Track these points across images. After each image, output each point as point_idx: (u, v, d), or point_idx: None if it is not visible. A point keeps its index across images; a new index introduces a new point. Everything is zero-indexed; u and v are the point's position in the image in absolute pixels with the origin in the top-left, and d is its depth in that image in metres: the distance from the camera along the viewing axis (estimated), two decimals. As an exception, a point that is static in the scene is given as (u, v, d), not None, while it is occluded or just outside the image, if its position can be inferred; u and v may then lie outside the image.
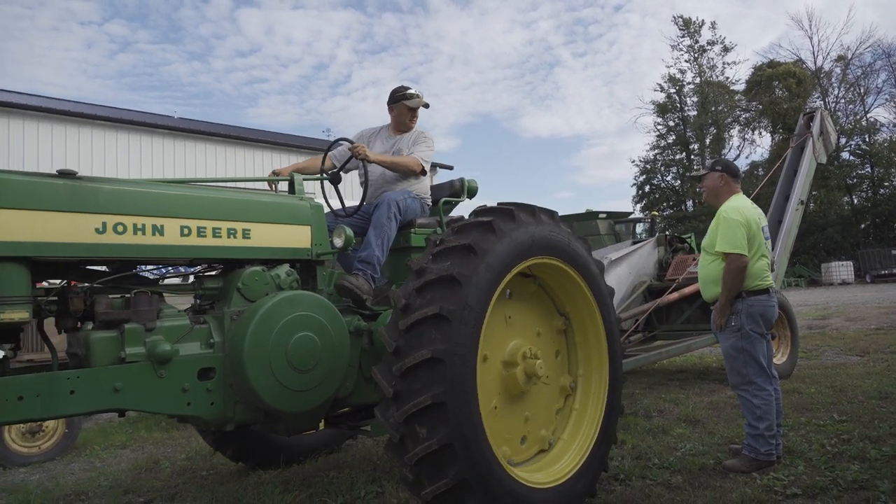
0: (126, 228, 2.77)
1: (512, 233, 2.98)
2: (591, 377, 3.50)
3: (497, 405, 3.11)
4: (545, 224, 3.19)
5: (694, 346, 6.99)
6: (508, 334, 3.20)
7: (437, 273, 2.72)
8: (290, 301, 3.09)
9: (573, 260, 3.30)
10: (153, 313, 2.84)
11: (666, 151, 45.95)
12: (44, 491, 4.34)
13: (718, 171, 4.15)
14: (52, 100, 16.47)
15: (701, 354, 9.53)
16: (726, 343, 3.95)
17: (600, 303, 3.44)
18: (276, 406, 2.99)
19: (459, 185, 4.34)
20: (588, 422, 3.43)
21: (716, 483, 3.60)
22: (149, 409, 2.80)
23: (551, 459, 3.29)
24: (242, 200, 3.21)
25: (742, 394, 3.93)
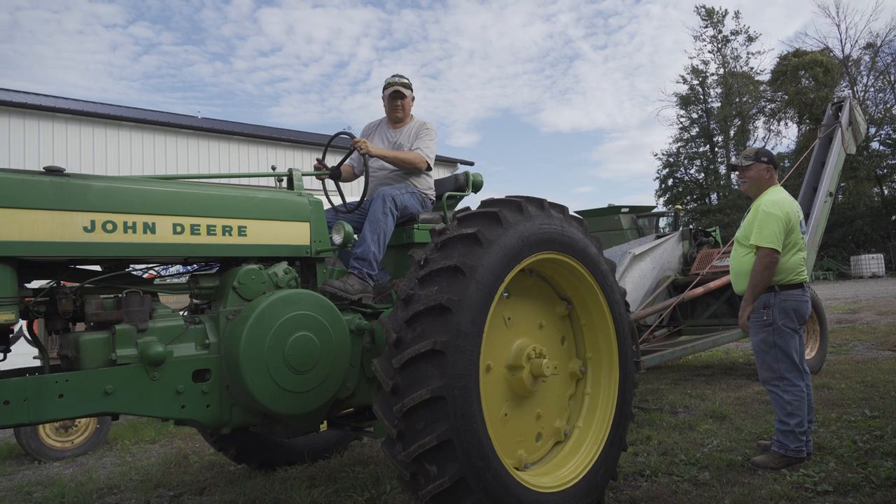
0: (116, 227, 2.69)
1: (500, 239, 2.82)
2: (600, 359, 3.43)
3: (507, 412, 3.05)
4: (535, 218, 3.03)
5: (720, 342, 6.90)
6: (510, 335, 3.11)
7: (426, 303, 2.58)
8: (288, 300, 2.99)
9: (568, 248, 3.16)
10: (145, 313, 2.76)
11: (689, 144, 45.30)
12: (77, 485, 4.45)
13: (765, 162, 4.03)
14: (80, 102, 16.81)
15: (727, 349, 9.41)
16: (757, 337, 3.88)
17: (601, 283, 3.32)
18: (273, 409, 2.90)
19: (464, 178, 4.22)
20: (602, 404, 3.36)
21: (744, 479, 3.56)
22: (141, 413, 2.72)
23: (570, 451, 3.26)
24: (238, 197, 3.11)
25: (773, 389, 3.85)
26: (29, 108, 12.90)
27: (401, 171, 4.02)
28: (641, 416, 5.22)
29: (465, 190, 4.22)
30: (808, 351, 7.11)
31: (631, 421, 3.48)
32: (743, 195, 39.05)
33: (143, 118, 14.91)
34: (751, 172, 4.04)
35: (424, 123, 4.15)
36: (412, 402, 2.47)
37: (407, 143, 4.07)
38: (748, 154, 4.07)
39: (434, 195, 4.16)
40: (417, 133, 4.09)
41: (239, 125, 19.20)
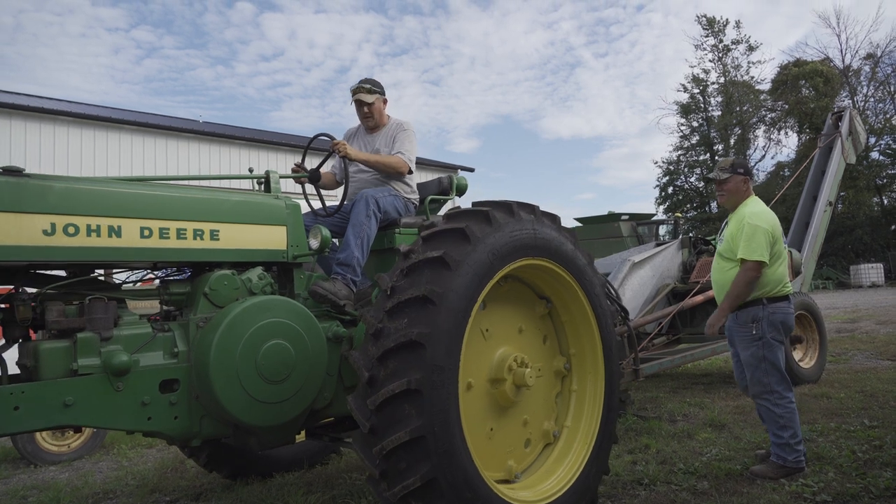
0: (78, 230, 2.55)
1: (469, 257, 2.68)
2: (584, 354, 3.39)
3: (492, 426, 3.01)
4: (504, 226, 2.89)
5: (719, 350, 6.88)
6: (489, 347, 3.03)
7: (396, 338, 2.47)
8: (261, 307, 2.87)
9: (542, 251, 3.05)
10: (109, 321, 2.62)
11: (689, 152, 45.38)
12: (73, 489, 4.43)
13: (741, 174, 3.98)
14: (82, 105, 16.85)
15: (726, 358, 9.37)
16: (746, 352, 3.82)
17: (579, 278, 3.25)
18: (245, 420, 2.79)
19: (448, 182, 4.08)
20: (590, 400, 3.34)
21: (743, 489, 3.54)
22: (104, 426, 2.62)
23: (560, 454, 3.23)
24: (210, 199, 3.00)
25: (764, 403, 3.81)
26: (31, 110, 12.92)
27: (381, 175, 3.90)
28: (640, 425, 5.20)
29: (448, 193, 4.09)
30: (807, 360, 7.10)
31: (621, 415, 3.47)
32: (743, 204, 38.89)
33: (145, 122, 14.94)
34: (728, 185, 3.97)
35: (401, 124, 3.99)
36: (391, 444, 2.39)
37: (385, 147, 3.94)
38: (724, 166, 4.00)
39: (417, 198, 4.05)
40: (395, 136, 3.94)
41: (240, 129, 19.24)
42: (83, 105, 17.26)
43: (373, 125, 4.04)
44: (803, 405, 5.60)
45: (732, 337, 3.97)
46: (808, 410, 5.39)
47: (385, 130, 4.01)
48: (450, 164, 21.56)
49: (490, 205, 2.94)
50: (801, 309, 7.09)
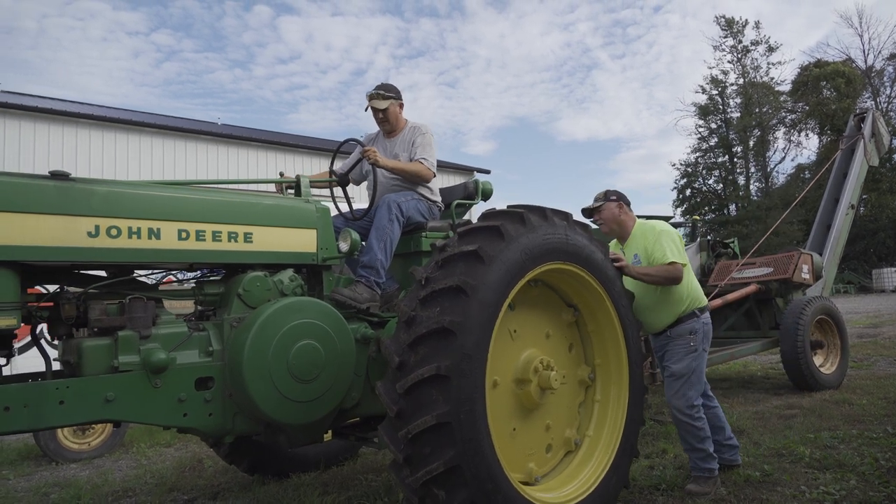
0: (120, 232, 2.66)
1: (502, 254, 2.75)
2: (609, 365, 3.38)
3: (515, 426, 3.02)
4: (538, 229, 2.96)
5: (738, 355, 6.81)
6: (516, 348, 3.06)
7: (428, 325, 2.52)
8: (293, 308, 2.94)
9: (573, 256, 3.09)
10: (148, 320, 2.72)
11: (708, 154, 44.92)
12: (93, 486, 4.49)
13: (614, 200, 3.84)
14: (103, 108, 17.11)
15: (745, 363, 9.28)
16: (679, 364, 3.65)
17: (608, 288, 3.26)
18: (276, 418, 2.86)
19: (473, 186, 4.13)
20: (613, 411, 3.32)
21: (762, 496, 3.49)
22: (142, 421, 2.69)
23: (581, 461, 3.22)
24: (244, 203, 3.09)
25: (684, 419, 3.64)
26: (54, 113, 13.15)
27: (406, 181, 3.93)
28: (657, 429, 5.16)
29: (474, 198, 4.14)
30: (828, 366, 7.00)
31: (642, 426, 3.44)
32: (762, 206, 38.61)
33: (165, 124, 15.12)
34: (603, 213, 3.85)
35: (419, 128, 4.00)
36: (417, 427, 2.42)
37: (404, 151, 3.96)
38: (598, 197, 3.91)
39: (440, 202, 4.09)
40: (413, 140, 3.96)
41: (259, 132, 19.41)
42: (105, 108, 17.53)
43: (389, 129, 4.07)
44: (824, 411, 5.52)
45: (663, 354, 3.81)
46: (830, 417, 5.31)
47: (402, 135, 4.03)
48: (466, 166, 21.54)
49: (525, 208, 3.00)
50: (822, 313, 6.99)
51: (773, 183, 42.65)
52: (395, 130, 4.07)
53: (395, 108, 4.02)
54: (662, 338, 3.80)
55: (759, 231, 31.96)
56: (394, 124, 4.05)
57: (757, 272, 7.44)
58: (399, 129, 4.07)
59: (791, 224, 31.84)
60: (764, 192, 41.74)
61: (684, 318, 3.70)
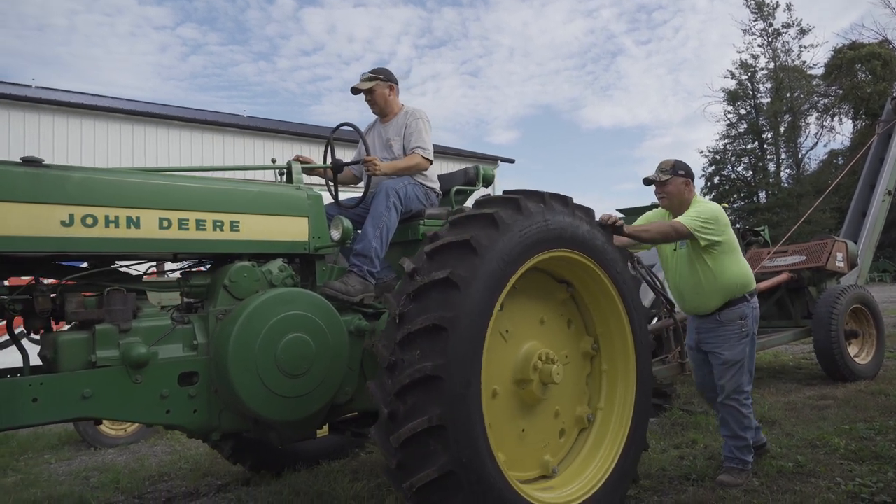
0: (97, 220, 2.52)
1: (497, 244, 2.58)
2: (611, 333, 3.25)
3: (524, 427, 2.94)
4: (536, 215, 2.77)
5: (769, 344, 6.71)
6: (511, 349, 2.91)
7: (419, 322, 2.38)
8: (281, 299, 2.82)
9: (574, 243, 2.93)
10: (128, 313, 2.60)
11: (737, 141, 44.03)
12: (131, 471, 4.62)
13: (682, 175, 3.69)
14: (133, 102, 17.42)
15: (776, 353, 9.13)
16: (733, 350, 3.59)
17: (611, 273, 3.11)
18: (263, 414, 2.74)
19: (474, 172, 3.96)
20: (622, 379, 3.23)
21: (796, 487, 3.45)
22: (122, 418, 2.61)
23: (596, 439, 3.17)
24: (230, 190, 2.96)
25: (732, 404, 3.62)
26: (85, 108, 13.42)
27: None
28: (686, 419, 5.11)
29: (474, 184, 3.96)
30: (863, 356, 6.85)
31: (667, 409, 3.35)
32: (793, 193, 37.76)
33: (193, 117, 15.34)
34: (669, 187, 3.68)
35: (412, 113, 3.85)
36: (409, 431, 2.30)
37: (397, 135, 3.84)
38: (664, 167, 3.71)
39: (438, 188, 3.93)
40: (408, 126, 3.80)
41: (284, 123, 19.58)
42: (134, 102, 17.83)
43: (378, 112, 3.97)
44: (859, 402, 5.41)
45: (708, 338, 3.70)
46: (865, 408, 5.20)
47: (396, 120, 3.91)
48: (490, 155, 21.45)
49: (521, 193, 2.83)
50: (858, 302, 6.84)
51: (804, 169, 41.65)
52: (387, 114, 3.95)
53: (383, 89, 3.89)
54: (710, 321, 3.69)
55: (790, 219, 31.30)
56: (383, 107, 3.92)
57: (789, 260, 7.30)
58: (393, 113, 3.95)
59: (823, 212, 31.10)
60: (795, 179, 40.81)
61: (735, 301, 3.63)
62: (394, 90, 3.94)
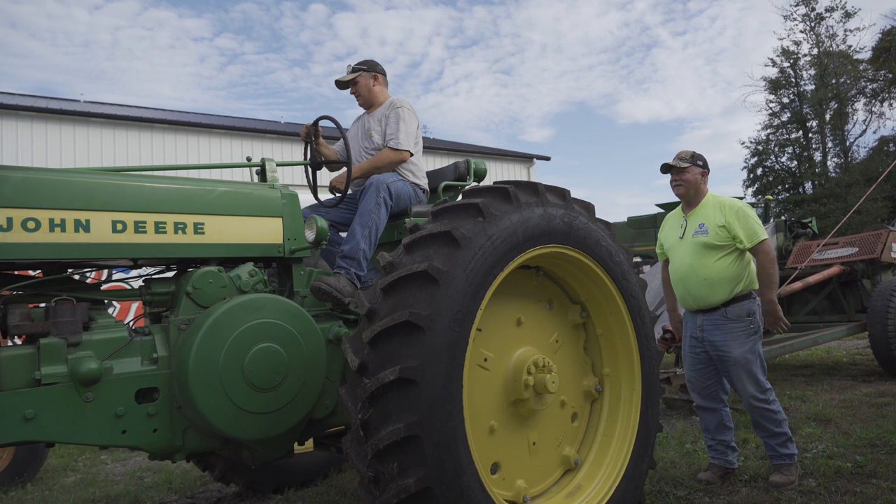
0: (39, 224, 2.32)
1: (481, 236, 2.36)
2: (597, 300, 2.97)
3: (534, 441, 2.76)
4: (528, 207, 2.56)
5: (821, 340, 6.49)
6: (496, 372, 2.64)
7: (391, 319, 2.16)
8: (248, 306, 2.60)
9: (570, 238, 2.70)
10: (77, 324, 2.38)
11: (780, 130, 42.66)
12: (183, 471, 4.75)
13: (700, 166, 3.67)
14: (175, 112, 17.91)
15: (828, 348, 8.83)
16: (742, 349, 3.47)
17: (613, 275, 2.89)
18: (230, 433, 2.52)
19: (464, 167, 3.73)
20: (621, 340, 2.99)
21: (856, 488, 3.32)
22: (71, 441, 2.37)
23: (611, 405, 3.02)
24: (192, 190, 2.74)
25: (759, 405, 3.48)
26: (130, 119, 13.89)
27: None
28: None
29: (465, 179, 3.72)
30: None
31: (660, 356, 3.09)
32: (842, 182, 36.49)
33: (232, 125, 15.69)
34: (686, 175, 3.63)
35: (393, 103, 3.65)
36: (382, 441, 2.09)
37: (377, 126, 3.66)
38: (684, 156, 3.68)
39: (425, 185, 3.69)
40: (387, 117, 3.62)
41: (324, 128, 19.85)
42: (175, 112, 18.33)
43: (364, 104, 3.84)
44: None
45: (714, 335, 3.55)
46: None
47: (379, 111, 3.74)
48: (524, 153, 21.34)
49: (513, 183, 2.64)
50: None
51: (852, 158, 40.14)
52: (373, 105, 3.81)
53: (367, 80, 3.77)
54: (716, 317, 3.56)
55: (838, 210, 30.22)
56: (368, 98, 3.79)
57: (840, 252, 7.06)
58: (378, 104, 3.79)
59: (875, 201, 29.95)
60: (843, 168, 39.39)
61: (741, 297, 3.53)
62: (378, 80, 3.81)
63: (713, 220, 3.55)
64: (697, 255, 3.58)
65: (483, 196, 2.50)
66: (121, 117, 13.75)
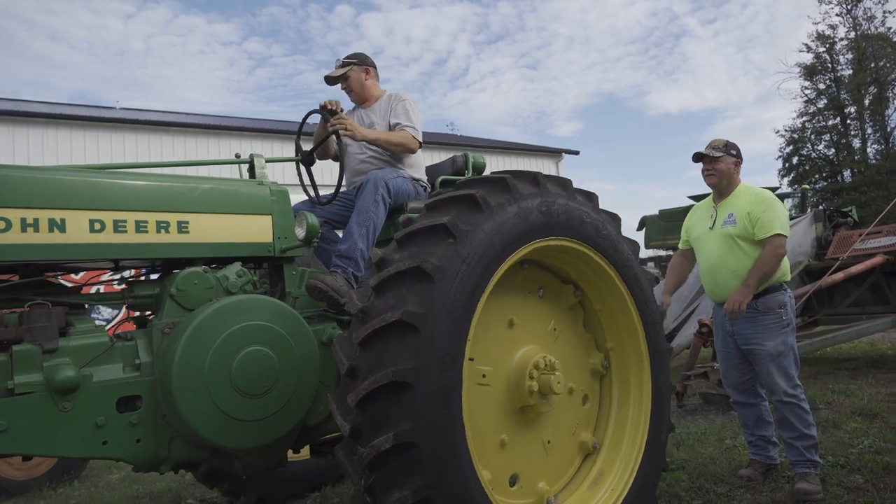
0: (10, 224, 2.21)
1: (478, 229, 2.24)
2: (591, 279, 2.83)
3: (548, 438, 2.66)
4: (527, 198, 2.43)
5: (865, 332, 6.31)
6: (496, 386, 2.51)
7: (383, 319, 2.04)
8: (235, 308, 2.47)
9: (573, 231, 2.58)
10: (53, 330, 2.26)
11: (816, 118, 41.52)
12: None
13: (734, 156, 3.55)
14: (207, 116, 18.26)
15: (872, 340, 8.57)
16: (773, 341, 3.35)
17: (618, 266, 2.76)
18: (218, 442, 2.40)
19: (462, 161, 3.57)
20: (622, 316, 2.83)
21: (906, 485, 3.21)
22: (48, 453, 2.28)
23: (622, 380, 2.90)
24: (174, 187, 2.62)
25: (790, 401, 3.34)
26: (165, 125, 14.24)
27: (385, 155, 3.41)
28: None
29: (463, 173, 3.57)
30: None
31: None
32: (882, 169, 35.39)
33: (262, 128, 15.94)
34: (720, 165, 3.52)
35: (397, 95, 3.51)
36: (375, 450, 1.97)
37: (381, 119, 3.47)
38: (717, 145, 3.56)
39: (426, 181, 3.54)
40: (392, 107, 3.45)
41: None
42: (208, 116, 18.68)
43: (356, 99, 3.65)
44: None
45: (745, 329, 3.42)
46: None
47: (379, 104, 3.56)
48: (552, 148, 21.17)
49: (511, 173, 2.52)
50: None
51: (894, 143, 38.87)
52: (367, 100, 3.60)
53: (358, 74, 3.57)
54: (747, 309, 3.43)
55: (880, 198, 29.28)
56: (361, 92, 3.59)
57: (884, 241, 6.84)
58: (374, 98, 3.60)
59: (918, 188, 28.96)
60: (884, 155, 38.13)
61: (772, 289, 3.42)
62: (371, 74, 3.63)
63: (742, 210, 3.45)
64: (726, 247, 3.48)
65: (479, 187, 2.37)
66: (154, 122, 14.11)
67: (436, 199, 2.36)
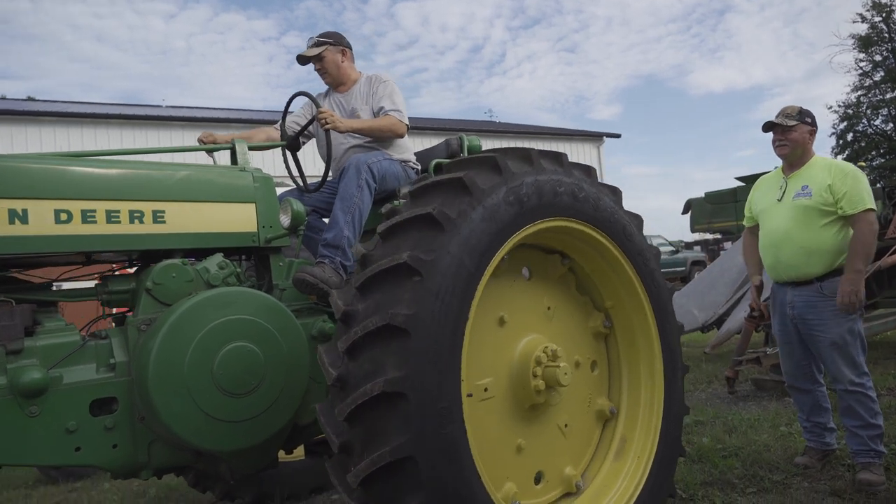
0: None
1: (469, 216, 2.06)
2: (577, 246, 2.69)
3: (565, 421, 2.56)
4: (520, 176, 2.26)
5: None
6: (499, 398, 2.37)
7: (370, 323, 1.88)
8: (216, 301, 2.32)
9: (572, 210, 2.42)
10: (18, 329, 2.11)
11: (872, 92, 39.69)
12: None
13: (809, 124, 3.31)
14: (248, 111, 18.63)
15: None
16: (839, 329, 3.17)
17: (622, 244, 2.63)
18: (200, 444, 2.25)
19: (457, 144, 3.39)
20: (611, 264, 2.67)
21: (977, 474, 3.06)
22: (16, 462, 2.12)
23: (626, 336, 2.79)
24: (148, 174, 2.46)
25: (857, 390, 3.16)
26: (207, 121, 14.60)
27: (371, 140, 3.26)
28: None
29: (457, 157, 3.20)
30: None
31: None
32: (945, 144, 33.57)
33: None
34: (794, 134, 3.28)
35: (377, 77, 3.34)
36: (368, 468, 1.82)
37: (363, 104, 3.31)
38: (791, 113, 3.31)
39: (415, 162, 3.39)
40: (374, 91, 3.30)
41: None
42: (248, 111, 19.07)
43: (331, 81, 3.45)
44: None
45: (808, 314, 3.25)
46: None
47: (358, 87, 3.39)
48: (593, 132, 20.85)
49: (501, 151, 2.36)
50: None
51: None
52: (344, 83, 3.43)
53: (334, 55, 3.38)
54: (810, 292, 3.26)
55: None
56: (336, 75, 3.40)
57: (948, 220, 6.50)
58: (351, 81, 3.43)
59: (985, 162, 27.40)
60: (946, 128, 36.21)
61: (838, 271, 3.20)
62: (347, 55, 3.43)
63: (820, 182, 3.21)
64: (796, 221, 3.25)
65: (467, 168, 2.20)
66: (198, 119, 14.49)
67: (420, 184, 2.21)
